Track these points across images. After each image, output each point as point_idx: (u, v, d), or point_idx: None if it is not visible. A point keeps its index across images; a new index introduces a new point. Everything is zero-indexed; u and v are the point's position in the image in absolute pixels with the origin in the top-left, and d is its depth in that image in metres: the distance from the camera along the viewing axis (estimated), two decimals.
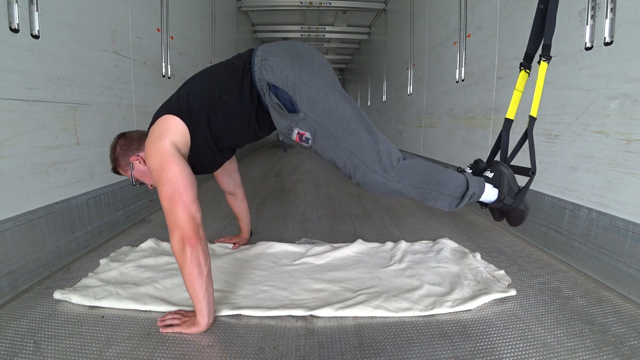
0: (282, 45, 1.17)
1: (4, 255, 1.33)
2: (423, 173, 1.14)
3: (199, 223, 1.10)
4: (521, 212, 1.26)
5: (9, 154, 1.36)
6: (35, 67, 1.47)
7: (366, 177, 1.12)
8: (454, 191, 1.18)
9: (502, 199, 1.23)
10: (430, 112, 3.56)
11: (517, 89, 1.34)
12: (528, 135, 1.26)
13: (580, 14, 1.58)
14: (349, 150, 1.11)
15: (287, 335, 1.11)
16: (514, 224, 1.30)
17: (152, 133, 1.17)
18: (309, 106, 1.09)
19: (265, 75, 1.12)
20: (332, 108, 1.10)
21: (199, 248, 1.07)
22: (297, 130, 1.12)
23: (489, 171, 1.27)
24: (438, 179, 1.16)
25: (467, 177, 1.20)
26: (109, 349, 1.03)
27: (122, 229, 2.12)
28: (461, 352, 1.03)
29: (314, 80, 1.10)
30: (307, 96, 1.09)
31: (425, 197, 1.17)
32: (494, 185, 1.24)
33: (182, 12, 3.17)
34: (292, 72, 1.09)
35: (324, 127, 1.10)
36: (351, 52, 9.65)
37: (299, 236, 2.02)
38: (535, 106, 1.26)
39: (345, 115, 1.11)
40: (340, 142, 1.11)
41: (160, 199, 1.10)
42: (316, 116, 1.09)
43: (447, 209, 1.21)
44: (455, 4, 2.86)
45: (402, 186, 1.13)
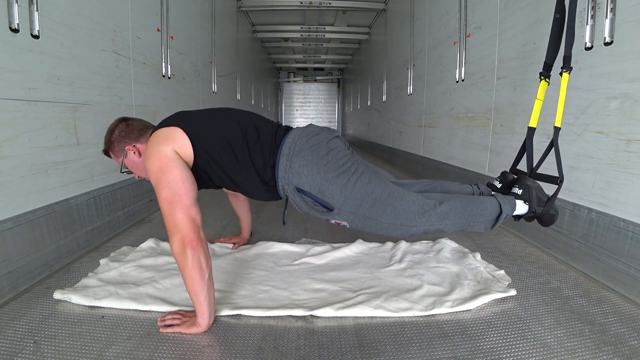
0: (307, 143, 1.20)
1: (4, 255, 1.33)
2: (461, 212, 1.24)
3: (199, 225, 1.09)
4: (552, 216, 1.34)
5: (9, 154, 1.36)
6: (35, 67, 1.47)
7: (411, 232, 1.23)
8: (489, 216, 1.28)
9: (533, 210, 1.31)
10: (430, 112, 3.56)
11: (538, 97, 1.41)
12: (554, 145, 1.34)
13: (580, 14, 1.58)
14: (388, 223, 1.21)
15: (287, 335, 1.11)
16: (545, 225, 1.40)
17: (158, 135, 1.17)
18: (341, 202, 1.18)
19: (292, 179, 1.18)
20: (362, 196, 1.18)
21: (200, 250, 1.06)
22: (334, 221, 1.23)
23: (517, 187, 1.34)
24: (474, 212, 1.26)
25: (500, 201, 1.29)
26: (109, 349, 1.03)
27: (122, 229, 2.12)
28: (461, 352, 1.03)
29: (340, 177, 1.17)
30: (337, 193, 1.17)
31: (465, 227, 1.28)
32: (524, 200, 1.32)
33: (182, 12, 3.17)
34: (319, 176, 1.16)
35: (359, 214, 1.20)
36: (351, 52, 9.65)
37: (299, 236, 2.02)
38: (559, 117, 1.33)
39: (376, 196, 1.19)
40: (377, 220, 1.21)
41: (160, 202, 1.09)
42: (350, 208, 1.18)
43: (484, 230, 1.32)
44: (455, 4, 2.86)
45: (444, 226, 1.24)
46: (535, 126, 1.44)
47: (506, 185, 1.40)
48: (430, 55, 3.55)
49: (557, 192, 1.31)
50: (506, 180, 1.41)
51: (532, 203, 1.31)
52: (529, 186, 1.32)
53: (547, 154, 1.39)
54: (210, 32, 4.08)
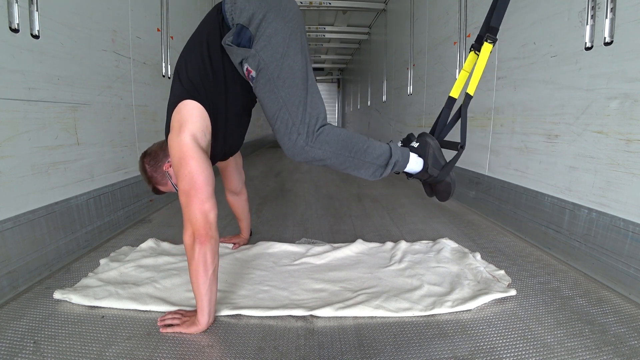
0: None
1: (4, 255, 1.33)
2: (344, 140, 1.13)
3: (212, 222, 1.10)
4: (447, 185, 1.27)
5: (9, 154, 1.36)
6: (35, 67, 1.47)
7: (290, 137, 1.10)
8: (377, 159, 1.17)
9: (426, 168, 1.23)
10: (430, 112, 3.56)
11: (465, 69, 1.36)
12: (462, 112, 1.28)
13: (580, 14, 1.58)
14: (283, 101, 1.09)
15: (287, 335, 1.11)
16: (442, 198, 1.31)
17: (173, 127, 1.16)
18: (263, 44, 1.07)
19: (235, 18, 1.11)
20: (284, 54, 1.08)
21: (207, 246, 1.07)
22: (246, 66, 1.11)
23: (414, 141, 1.27)
24: (360, 147, 1.15)
25: (391, 145, 1.20)
26: (109, 349, 1.03)
27: (122, 229, 2.12)
28: (461, 352, 1.03)
29: (276, 21, 1.09)
30: (265, 35, 1.07)
31: (347, 165, 1.16)
32: (419, 154, 1.24)
33: (182, 12, 3.17)
34: (260, 10, 1.08)
35: (270, 68, 1.08)
36: (351, 52, 9.65)
37: (299, 236, 2.02)
38: (473, 85, 1.27)
39: (294, 66, 1.09)
40: (278, 89, 1.09)
41: (179, 193, 1.11)
42: (266, 56, 1.07)
43: (371, 177, 1.20)
44: (455, 4, 2.86)
45: (323, 152, 1.12)
46: (456, 97, 1.38)
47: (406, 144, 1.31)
48: (430, 55, 3.55)
49: (457, 158, 1.23)
50: (408, 140, 1.31)
51: (428, 159, 1.23)
52: (427, 142, 1.24)
53: (455, 121, 1.33)
54: None
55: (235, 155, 1.62)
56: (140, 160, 1.33)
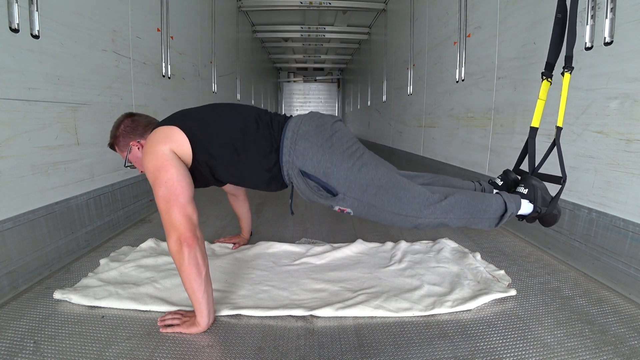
0: (310, 126, 1.19)
1: (4, 255, 1.33)
2: (465, 206, 1.23)
3: (196, 224, 1.09)
4: (554, 216, 1.34)
5: (9, 154, 1.36)
6: (35, 67, 1.47)
7: (415, 223, 1.22)
8: (494, 214, 1.26)
9: (537, 210, 1.31)
10: (430, 112, 3.56)
11: (541, 97, 1.42)
12: (556, 144, 1.34)
13: (580, 14, 1.58)
14: (392, 212, 1.20)
15: (287, 335, 1.11)
16: (547, 225, 1.39)
17: (156, 134, 1.17)
18: (346, 187, 1.16)
19: (296, 162, 1.17)
20: (367, 182, 1.17)
21: (196, 248, 1.06)
22: (337, 207, 1.21)
23: (522, 187, 1.34)
24: (479, 207, 1.24)
25: (505, 199, 1.27)
26: (109, 349, 1.03)
27: (122, 229, 2.12)
28: (461, 352, 1.03)
29: (345, 161, 1.16)
30: (342, 178, 1.16)
31: (469, 224, 1.27)
32: (529, 200, 1.32)
33: (182, 12, 3.17)
34: (324, 158, 1.15)
35: (364, 201, 1.18)
36: (351, 52, 9.65)
37: (299, 236, 2.02)
38: (561, 116, 1.33)
39: (381, 184, 1.18)
40: (381, 209, 1.19)
41: (157, 200, 1.09)
42: (354, 194, 1.17)
43: (487, 228, 1.31)
44: (455, 4, 2.86)
45: (448, 220, 1.23)
46: (537, 126, 1.45)
47: (508, 183, 1.40)
48: (430, 55, 3.55)
49: (561, 192, 1.31)
50: (508, 178, 1.40)
51: (537, 203, 1.30)
52: (534, 185, 1.31)
53: (549, 153, 1.39)
54: (210, 32, 4.08)
55: None
56: (123, 116, 1.34)
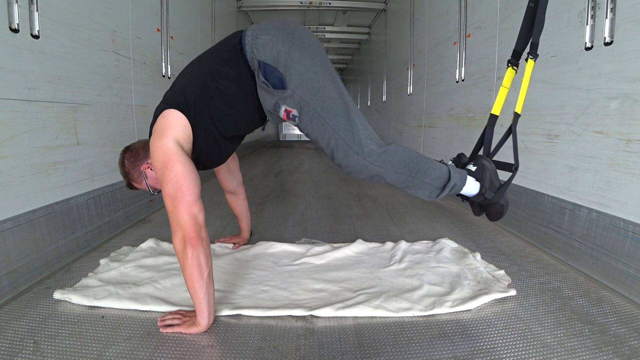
0: (272, 23, 1.16)
1: (4, 255, 1.33)
2: (406, 160, 1.16)
3: (201, 224, 1.09)
4: (501, 207, 1.27)
5: (9, 154, 1.36)
6: (35, 67, 1.47)
7: (348, 158, 1.13)
8: (436, 181, 1.19)
9: (483, 192, 1.24)
10: (430, 112, 3.56)
11: (504, 85, 1.35)
12: (512, 131, 1.27)
13: (580, 14, 1.58)
14: (334, 130, 1.11)
15: (287, 335, 1.11)
16: (493, 218, 1.31)
17: (155, 131, 1.16)
18: (297, 83, 1.09)
19: (257, 54, 1.11)
20: (320, 87, 1.10)
21: (200, 249, 1.06)
22: (284, 108, 1.12)
23: (471, 165, 1.27)
24: (421, 167, 1.17)
25: (450, 168, 1.21)
26: (109, 349, 1.03)
27: (122, 229, 2.12)
28: (461, 352, 1.03)
29: (304, 58, 1.10)
30: (296, 73, 1.09)
31: (407, 184, 1.18)
32: (476, 178, 1.25)
33: (182, 12, 3.17)
34: (284, 49, 1.09)
35: (311, 105, 1.10)
36: (351, 52, 9.65)
37: (299, 236, 2.02)
38: (520, 103, 1.27)
39: (333, 96, 1.12)
40: (325, 121, 1.11)
41: (164, 197, 1.09)
42: (304, 93, 1.10)
43: (427, 198, 1.22)
44: (455, 4, 2.86)
45: (385, 171, 1.14)
46: (497, 114, 1.38)
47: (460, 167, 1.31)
48: (430, 55, 3.55)
49: (511, 180, 1.24)
50: (460, 161, 1.32)
51: (484, 183, 1.24)
52: (484, 165, 1.25)
53: (504, 140, 1.33)
54: (210, 32, 4.08)
55: (230, 156, 1.62)
56: (121, 154, 1.33)
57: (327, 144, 1.14)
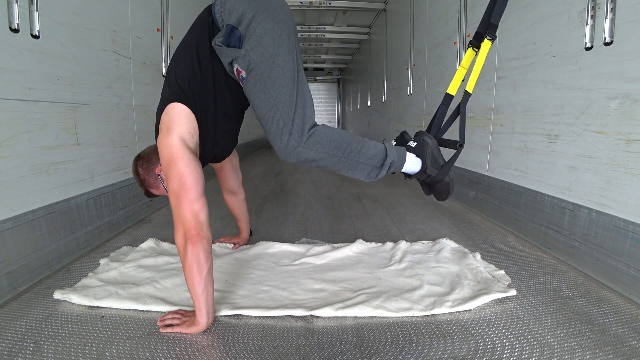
0: None
1: (4, 255, 1.33)
2: (337, 140, 1.11)
3: (203, 221, 1.09)
4: (447, 184, 1.23)
5: (9, 154, 1.36)
6: (35, 67, 1.47)
7: (281, 137, 1.08)
8: (372, 160, 1.14)
9: (425, 169, 1.20)
10: (430, 112, 3.56)
11: (462, 65, 1.34)
12: (460, 110, 1.25)
13: (580, 14, 1.58)
14: (274, 101, 1.07)
15: (287, 335, 1.11)
16: (440, 198, 1.27)
17: (161, 129, 1.17)
18: (253, 44, 1.07)
19: (225, 18, 1.11)
20: (274, 54, 1.07)
21: (199, 246, 1.07)
22: (236, 67, 1.10)
23: (412, 141, 1.23)
24: (354, 147, 1.13)
25: (386, 145, 1.17)
26: (109, 349, 1.03)
27: (122, 229, 2.12)
28: (461, 352, 1.03)
29: (266, 21, 1.08)
30: (255, 34, 1.07)
31: (341, 166, 1.14)
32: (417, 154, 1.21)
33: (182, 12, 3.17)
34: (249, 11, 1.08)
35: (260, 68, 1.07)
36: (351, 52, 9.65)
37: (299, 236, 2.02)
38: (472, 82, 1.25)
39: (285, 66, 1.09)
40: (269, 89, 1.07)
41: (168, 194, 1.11)
42: (256, 56, 1.07)
43: (366, 179, 1.18)
44: (455, 4, 2.86)
45: (315, 153, 1.10)
46: (453, 94, 1.35)
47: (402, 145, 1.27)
48: (430, 55, 3.55)
49: (456, 156, 1.21)
50: (403, 139, 1.27)
51: (426, 159, 1.20)
52: (425, 141, 1.20)
53: (453, 119, 1.30)
54: None
55: (231, 155, 1.62)
56: (134, 163, 1.34)
57: (264, 114, 1.09)
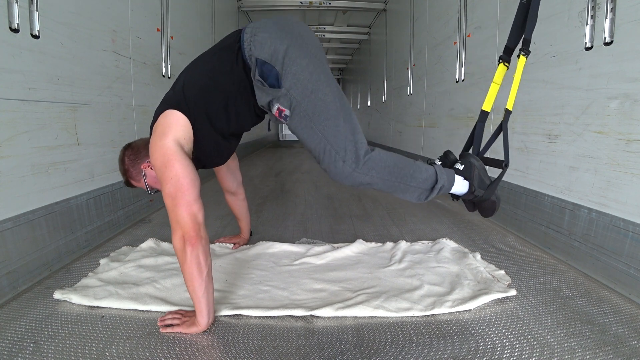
0: (271, 21, 1.15)
1: (4, 255, 1.33)
2: (391, 166, 1.14)
3: (201, 222, 1.09)
4: (493, 203, 1.27)
5: (9, 154, 1.36)
6: (35, 67, 1.47)
7: (335, 165, 1.11)
8: (423, 183, 1.18)
9: (472, 190, 1.23)
10: (430, 112, 3.56)
11: (495, 81, 1.34)
12: (503, 128, 1.27)
13: (580, 14, 1.58)
14: (322, 135, 1.10)
15: (287, 335, 1.11)
16: (486, 215, 1.31)
17: (155, 130, 1.17)
18: (292, 82, 1.08)
19: (254, 52, 1.10)
20: (314, 89, 1.09)
21: (199, 247, 1.07)
22: (277, 106, 1.11)
23: (459, 163, 1.27)
24: (406, 172, 1.16)
25: (437, 170, 1.20)
26: (109, 349, 1.03)
27: (122, 229, 2.12)
28: (461, 352, 1.03)
29: (301, 57, 1.09)
30: (292, 72, 1.08)
31: (394, 189, 1.18)
32: (465, 177, 1.24)
33: (182, 12, 3.17)
34: (282, 47, 1.08)
35: (303, 105, 1.09)
36: (351, 52, 9.65)
37: (299, 236, 2.02)
38: (511, 99, 1.26)
39: (326, 99, 1.10)
40: (315, 124, 1.09)
41: (164, 196, 1.10)
42: (297, 94, 1.08)
43: (416, 200, 1.21)
44: (455, 4, 2.86)
45: (370, 178, 1.13)
46: (488, 110, 1.37)
47: (447, 165, 1.31)
48: (430, 55, 3.55)
49: (501, 176, 1.24)
50: (447, 159, 1.31)
51: (473, 181, 1.23)
52: (472, 163, 1.24)
53: (495, 137, 1.32)
54: (210, 32, 4.08)
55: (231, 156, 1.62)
56: (122, 150, 1.33)
57: (314, 147, 1.13)
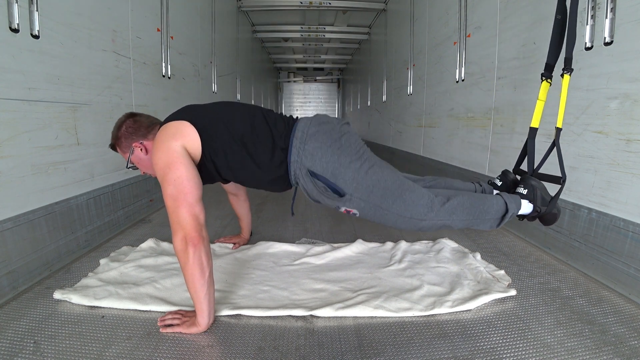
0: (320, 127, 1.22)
1: (4, 255, 1.33)
2: (468, 208, 1.26)
3: (202, 224, 1.10)
4: (554, 215, 1.36)
5: (9, 154, 1.36)
6: (35, 67, 1.47)
7: (419, 225, 1.24)
8: (495, 215, 1.29)
9: (537, 210, 1.34)
10: (430, 112, 3.56)
11: (540, 98, 1.44)
12: (556, 145, 1.36)
13: (580, 14, 1.58)
14: (397, 214, 1.22)
15: (287, 335, 1.11)
16: (547, 224, 1.41)
17: (167, 129, 1.17)
18: (353, 187, 1.19)
19: (305, 162, 1.18)
20: (374, 184, 1.20)
21: (201, 248, 1.07)
22: (344, 208, 1.23)
23: (521, 187, 1.37)
24: (481, 209, 1.27)
25: (506, 200, 1.30)
26: (109, 349, 1.03)
27: (122, 229, 2.12)
28: (461, 352, 1.03)
29: (353, 162, 1.19)
30: (350, 179, 1.18)
31: (471, 225, 1.30)
32: (529, 200, 1.34)
33: (182, 12, 3.17)
34: (333, 159, 1.17)
35: (370, 202, 1.20)
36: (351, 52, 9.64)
37: (299, 236, 2.02)
38: (560, 118, 1.34)
39: (387, 185, 1.21)
40: (387, 210, 1.21)
41: (165, 198, 1.10)
42: (361, 194, 1.19)
43: (489, 228, 1.33)
44: (455, 4, 2.86)
45: (451, 222, 1.25)
46: (537, 127, 1.46)
47: (507, 184, 1.42)
48: (430, 55, 3.55)
49: (560, 192, 1.32)
50: (507, 179, 1.43)
51: (537, 202, 1.32)
52: (533, 186, 1.33)
53: (548, 154, 1.40)
54: (210, 32, 4.07)
55: None
56: (124, 117, 1.33)
57: (394, 224, 1.26)
